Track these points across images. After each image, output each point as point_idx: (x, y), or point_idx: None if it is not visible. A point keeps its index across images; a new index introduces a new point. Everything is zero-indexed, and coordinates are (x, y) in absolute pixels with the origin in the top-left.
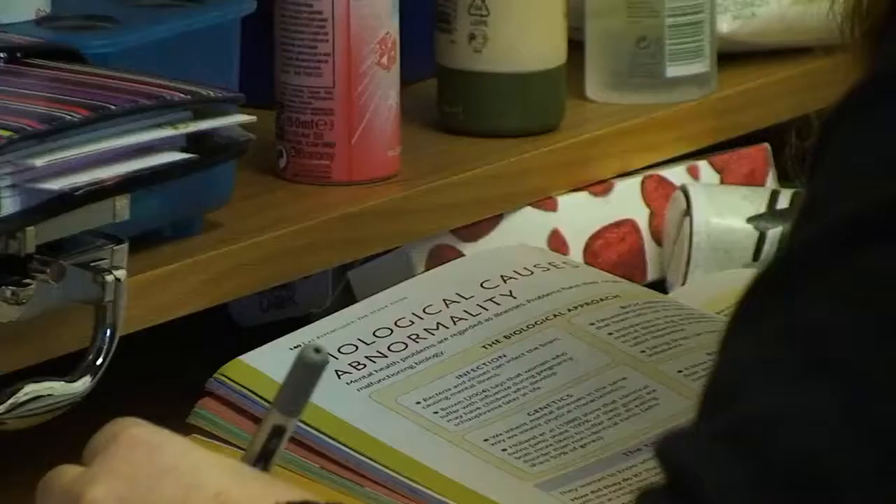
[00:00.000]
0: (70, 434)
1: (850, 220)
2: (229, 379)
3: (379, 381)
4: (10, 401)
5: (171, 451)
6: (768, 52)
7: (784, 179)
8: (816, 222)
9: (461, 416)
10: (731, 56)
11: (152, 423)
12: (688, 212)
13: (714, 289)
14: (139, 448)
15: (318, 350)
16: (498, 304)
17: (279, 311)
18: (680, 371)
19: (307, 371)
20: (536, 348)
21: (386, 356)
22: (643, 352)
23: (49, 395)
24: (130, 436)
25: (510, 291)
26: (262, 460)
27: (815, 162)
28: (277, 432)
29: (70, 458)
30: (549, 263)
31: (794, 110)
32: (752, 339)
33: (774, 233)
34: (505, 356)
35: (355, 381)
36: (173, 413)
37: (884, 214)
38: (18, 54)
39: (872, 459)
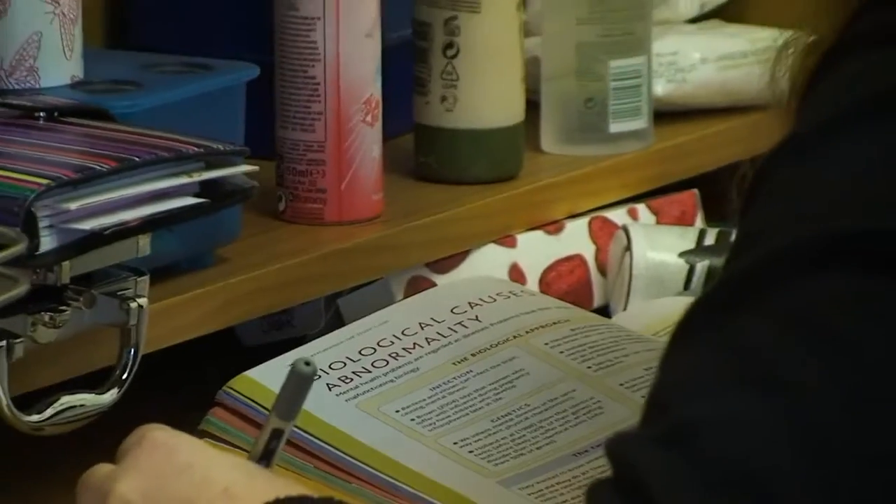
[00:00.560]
0: (99, 438)
1: (783, 254)
2: (236, 391)
3: (364, 392)
4: (48, 410)
5: (187, 451)
6: (697, 111)
7: (710, 220)
8: (752, 254)
9: (434, 423)
10: (666, 114)
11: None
12: (628, 248)
13: (650, 314)
14: (160, 449)
15: (308, 363)
16: (466, 326)
17: (278, 333)
18: (621, 384)
19: (299, 381)
20: (499, 365)
21: (370, 371)
22: (590, 368)
23: (81, 405)
24: (153, 438)
25: (476, 316)
26: (265, 459)
27: (747, 204)
28: (276, 434)
29: (99, 458)
30: (510, 292)
31: (719, 161)
32: (690, 356)
33: (702, 266)
34: (472, 371)
35: (344, 392)
36: (188, 421)
37: (809, 251)
38: (56, 113)
39: (796, 460)
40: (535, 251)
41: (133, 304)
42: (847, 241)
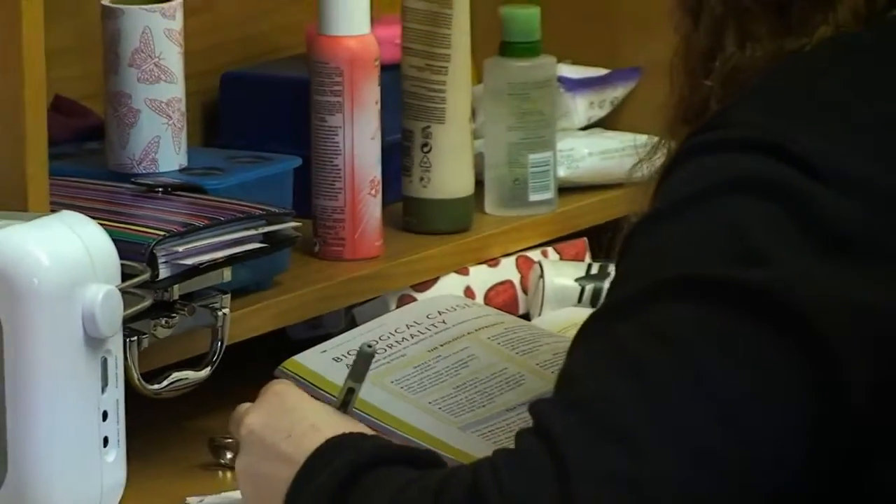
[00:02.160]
0: (198, 400)
1: (649, 288)
2: (286, 369)
3: (371, 370)
4: (165, 382)
5: (292, 398)
6: (586, 187)
7: (594, 258)
8: (625, 288)
9: (416, 390)
10: (565, 189)
11: (244, 397)
12: (541, 276)
13: (556, 319)
14: (276, 396)
15: (369, 346)
16: (436, 326)
17: (314, 331)
18: (537, 364)
19: (363, 357)
20: (458, 352)
21: (375, 356)
22: (517, 353)
23: (186, 378)
24: (273, 389)
25: (443, 320)
26: (343, 407)
27: (622, 253)
28: (350, 391)
29: (199, 415)
30: (465, 304)
31: (601, 220)
32: (586, 352)
33: (589, 287)
34: (440, 356)
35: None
36: (255, 390)
37: (667, 286)
38: (168, 189)
39: (651, 420)
40: (481, 278)
41: (220, 313)
42: (695, 280)
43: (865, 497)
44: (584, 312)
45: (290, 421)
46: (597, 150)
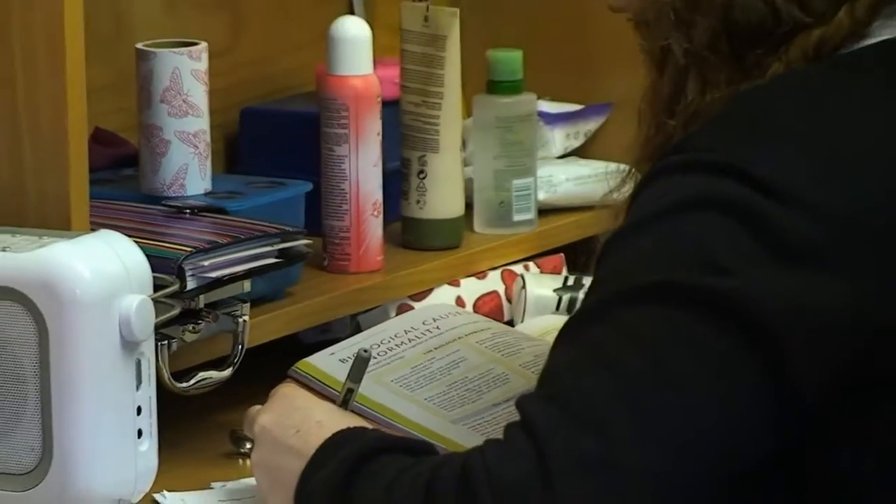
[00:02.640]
0: (221, 397)
1: (615, 294)
2: (298, 369)
3: (373, 370)
4: (192, 381)
5: (300, 399)
6: (563, 208)
7: (570, 271)
8: (600, 293)
9: (413, 388)
10: (544, 210)
11: (263, 393)
12: (524, 287)
13: (536, 325)
14: (285, 397)
15: (366, 350)
16: (431, 332)
17: (323, 336)
18: (520, 365)
19: (361, 360)
20: (450, 354)
21: (376, 358)
22: (502, 355)
23: (210, 377)
24: (282, 392)
25: (437, 326)
26: (344, 405)
27: (598, 262)
28: (349, 391)
29: (222, 410)
30: (456, 312)
31: (575, 238)
32: (565, 350)
33: (566, 297)
34: (435, 358)
35: None
36: (271, 386)
37: (638, 291)
38: (195, 210)
39: (623, 411)
40: (471, 289)
41: (240, 320)
42: (663, 287)
43: (825, 481)
44: (562, 319)
45: (298, 418)
46: (572, 176)
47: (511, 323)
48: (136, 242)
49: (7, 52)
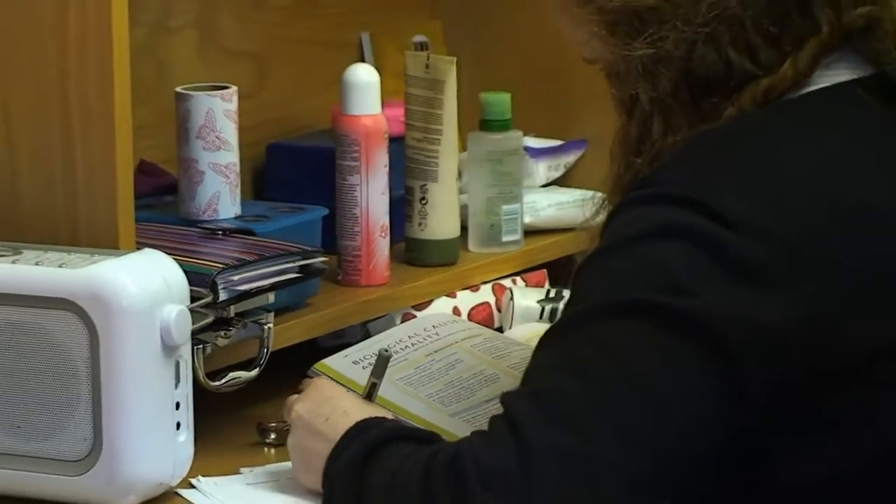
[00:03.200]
0: (249, 394)
1: (589, 308)
2: (316, 370)
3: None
4: (223, 380)
5: (329, 390)
6: (545, 230)
7: (552, 284)
8: (576, 307)
9: (416, 385)
10: (530, 232)
11: (281, 397)
12: (511, 298)
13: (522, 332)
14: (316, 390)
15: (386, 350)
16: (431, 337)
17: (337, 340)
18: (509, 366)
19: (383, 359)
20: (448, 357)
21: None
22: (493, 358)
23: (239, 377)
24: (315, 384)
25: (437, 332)
26: (368, 397)
27: (575, 280)
28: (373, 385)
29: (250, 405)
30: (453, 320)
31: (555, 256)
32: (546, 354)
33: (548, 307)
34: (434, 360)
35: (367, 369)
36: (293, 387)
37: (610, 306)
38: (226, 232)
39: (592, 409)
40: (465, 300)
41: (265, 327)
42: (631, 303)
43: (770, 473)
44: (544, 327)
45: (327, 408)
46: (554, 202)
47: (500, 330)
48: (176, 260)
49: (64, 95)
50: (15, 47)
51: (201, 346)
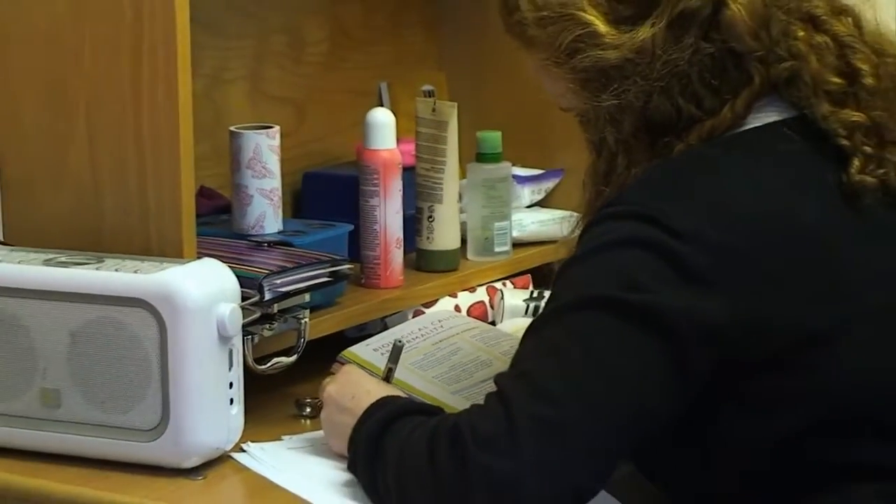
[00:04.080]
0: (289, 375)
1: (564, 304)
2: (344, 356)
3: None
4: (268, 364)
5: (356, 375)
6: (530, 243)
7: (535, 287)
8: (554, 303)
9: (425, 368)
10: (517, 244)
11: (315, 378)
12: (502, 298)
13: (511, 325)
14: (345, 374)
15: (400, 341)
16: (437, 329)
17: (361, 332)
18: (501, 353)
19: (397, 348)
20: (451, 346)
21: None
22: (487, 346)
23: (281, 362)
24: (345, 369)
25: (441, 325)
26: (386, 379)
27: (554, 282)
28: (390, 370)
29: (290, 384)
30: (455, 315)
31: (537, 262)
32: (530, 343)
33: (532, 305)
34: (440, 348)
35: (385, 355)
36: (324, 369)
37: (581, 301)
38: (271, 244)
39: (566, 385)
40: (465, 299)
41: (302, 321)
42: (598, 299)
43: (714, 440)
44: (528, 321)
45: (353, 388)
46: (536, 220)
47: (493, 323)
48: (229, 267)
49: (139, 133)
50: (100, 93)
51: (250, 336)
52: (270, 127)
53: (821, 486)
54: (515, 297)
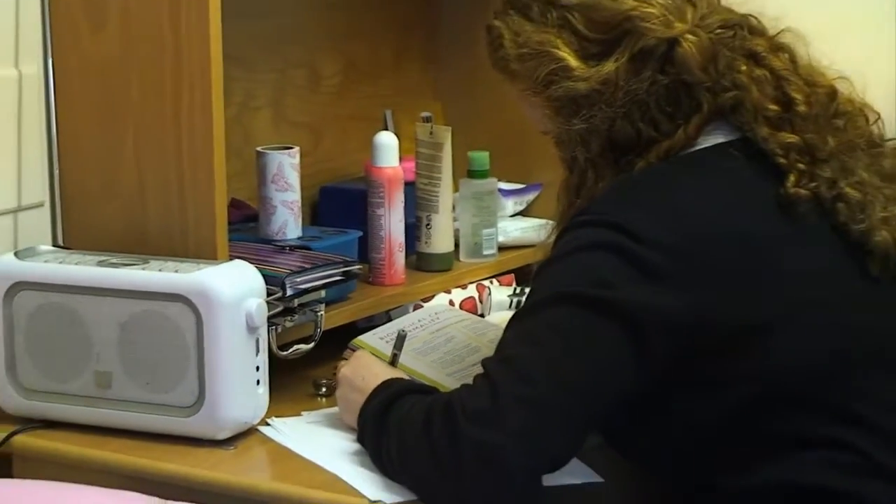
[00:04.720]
0: (307, 360)
1: (541, 299)
2: (355, 343)
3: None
4: (290, 350)
5: (366, 359)
6: (514, 246)
7: (518, 284)
8: (532, 299)
9: (424, 353)
10: (502, 247)
11: (330, 362)
12: (489, 294)
13: (497, 317)
14: (358, 358)
15: (403, 331)
16: (434, 321)
17: (369, 323)
18: (488, 341)
19: (401, 336)
20: (446, 335)
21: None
22: (477, 335)
23: (301, 348)
24: (357, 354)
25: (437, 317)
26: (391, 364)
27: (533, 280)
28: (395, 355)
29: (308, 368)
30: (449, 309)
31: (519, 263)
32: (511, 332)
33: (515, 300)
34: (437, 337)
35: (389, 342)
36: (338, 355)
37: (554, 296)
38: (292, 248)
39: (544, 369)
40: (458, 295)
41: (319, 314)
42: (570, 295)
43: (673, 415)
44: (511, 313)
45: (364, 371)
46: (519, 227)
47: (482, 315)
48: (256, 267)
49: (179, 152)
50: (146, 119)
51: (274, 327)
52: (291, 147)
53: (773, 454)
54: (501, 293)
